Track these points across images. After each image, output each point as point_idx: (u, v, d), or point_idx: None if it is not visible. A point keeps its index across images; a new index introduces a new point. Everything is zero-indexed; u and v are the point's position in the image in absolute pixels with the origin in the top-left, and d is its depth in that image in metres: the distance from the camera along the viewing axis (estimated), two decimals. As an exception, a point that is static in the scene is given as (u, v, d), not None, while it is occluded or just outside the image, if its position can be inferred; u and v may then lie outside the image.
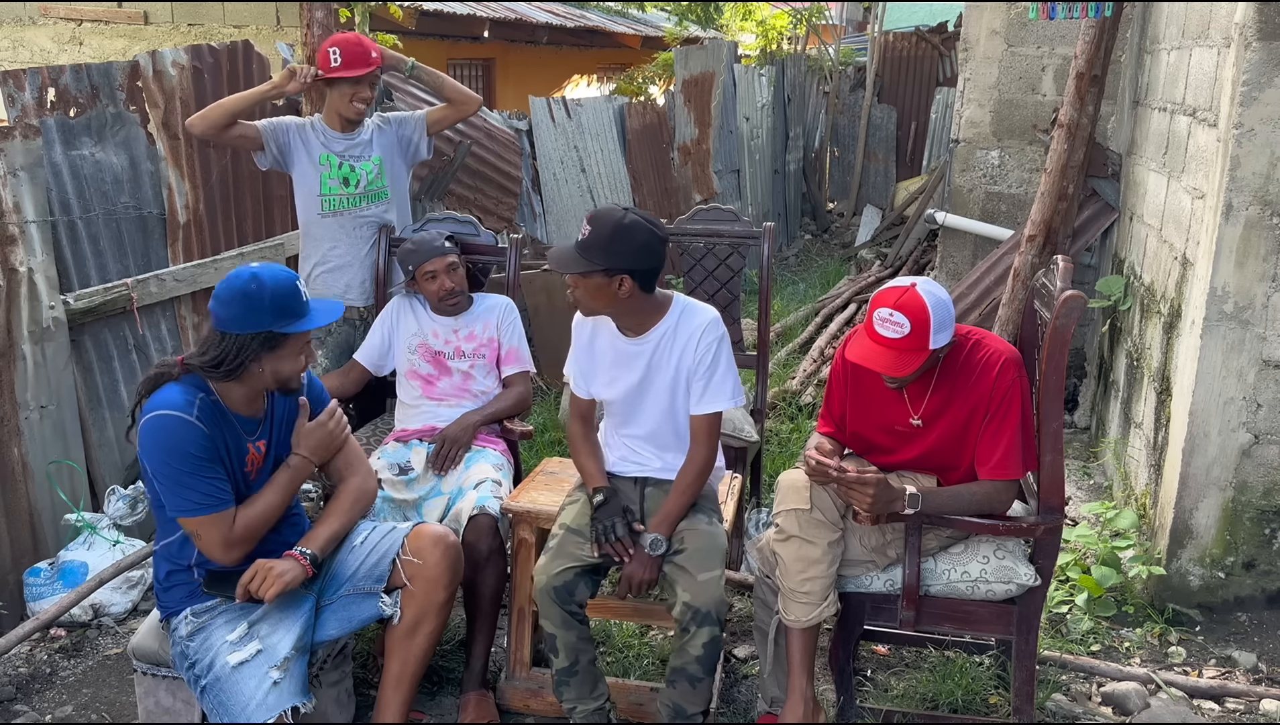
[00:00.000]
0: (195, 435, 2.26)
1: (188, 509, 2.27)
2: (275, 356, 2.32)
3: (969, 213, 6.23)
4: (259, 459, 2.44)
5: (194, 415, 2.27)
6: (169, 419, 2.26)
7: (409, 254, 3.23)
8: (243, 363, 2.28)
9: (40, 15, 7.12)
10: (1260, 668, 3.27)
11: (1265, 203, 3.21)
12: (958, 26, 9.96)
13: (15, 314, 3.37)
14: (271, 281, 2.29)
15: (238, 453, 2.38)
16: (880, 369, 2.47)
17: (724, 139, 9.20)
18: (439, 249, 3.22)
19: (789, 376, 5.96)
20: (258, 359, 2.30)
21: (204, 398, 2.32)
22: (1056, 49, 5.83)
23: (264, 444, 2.45)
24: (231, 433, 2.37)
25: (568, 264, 2.52)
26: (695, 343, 2.61)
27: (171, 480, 2.26)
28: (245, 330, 2.27)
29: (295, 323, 2.31)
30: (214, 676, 2.25)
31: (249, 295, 2.27)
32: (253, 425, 2.42)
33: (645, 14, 14.42)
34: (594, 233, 2.48)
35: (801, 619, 2.56)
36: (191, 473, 2.26)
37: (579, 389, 2.79)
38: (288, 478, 2.44)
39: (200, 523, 2.28)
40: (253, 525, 2.35)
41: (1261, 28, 3.13)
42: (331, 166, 3.59)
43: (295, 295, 2.32)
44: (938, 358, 2.54)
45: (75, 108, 3.69)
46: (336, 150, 3.61)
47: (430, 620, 2.51)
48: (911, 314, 2.42)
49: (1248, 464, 3.38)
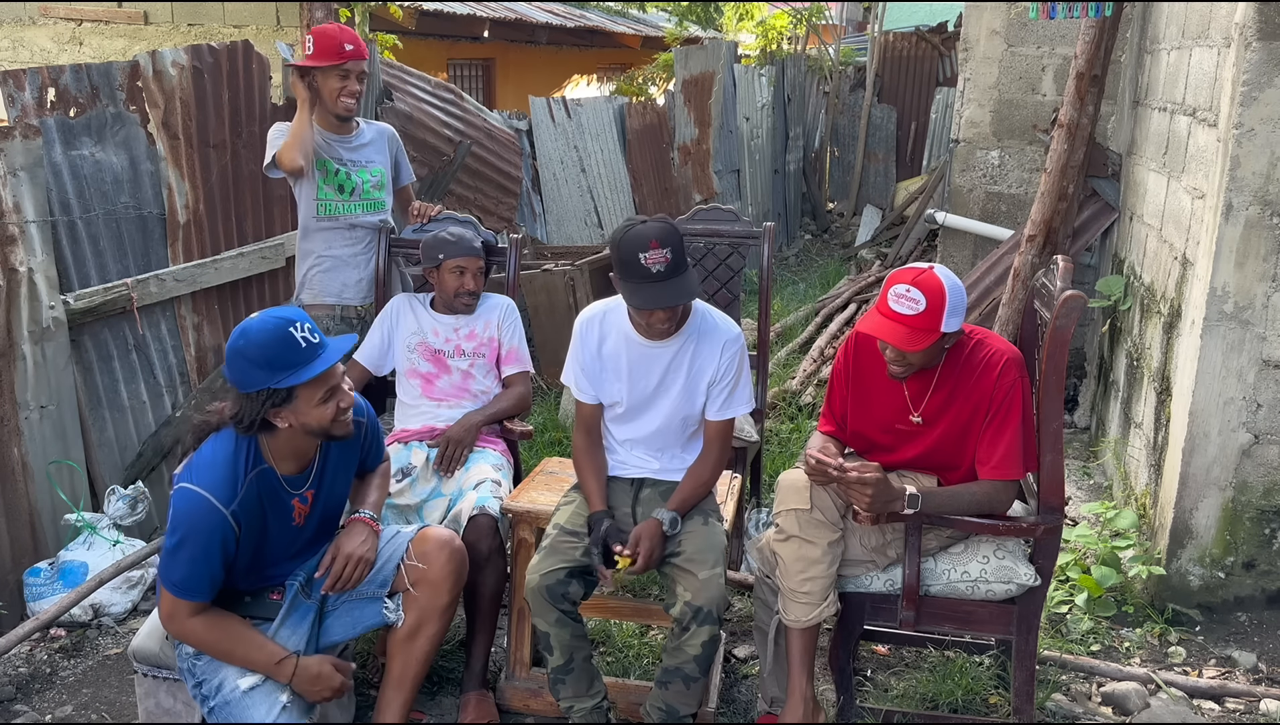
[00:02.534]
0: (218, 529, 2.19)
1: (166, 578, 2.24)
2: (293, 410, 2.21)
3: (969, 213, 6.23)
4: (305, 509, 2.40)
5: (233, 508, 2.20)
6: (203, 503, 2.17)
7: (445, 244, 3.22)
8: (259, 419, 2.19)
9: (40, 15, 7.12)
10: (1260, 668, 3.27)
11: (1265, 203, 3.21)
12: (958, 26, 9.96)
13: (15, 314, 3.37)
14: (259, 336, 2.15)
15: (280, 514, 2.34)
16: (892, 341, 2.45)
17: (724, 139, 9.21)
18: (476, 249, 3.26)
19: (789, 376, 5.96)
20: (277, 414, 2.20)
21: (253, 471, 2.25)
22: (1056, 49, 5.83)
23: (311, 494, 2.41)
24: (273, 498, 2.31)
25: (690, 292, 2.51)
26: (719, 354, 2.63)
27: (170, 548, 2.21)
28: (248, 389, 2.18)
29: (293, 375, 2.16)
30: (223, 699, 2.25)
31: (239, 352, 2.17)
32: (300, 480, 2.37)
33: (645, 14, 14.43)
34: (674, 252, 2.45)
35: (801, 619, 2.56)
36: (190, 555, 2.19)
37: (584, 395, 2.74)
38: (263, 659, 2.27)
39: (164, 592, 2.24)
40: (202, 643, 2.26)
41: (1261, 28, 3.13)
42: (328, 173, 3.55)
43: (287, 345, 2.15)
44: (943, 349, 2.54)
45: (75, 108, 3.68)
46: (334, 155, 3.56)
47: (433, 623, 2.51)
48: (929, 292, 2.43)
49: (1248, 464, 3.38)
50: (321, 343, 2.23)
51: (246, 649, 2.26)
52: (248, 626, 2.30)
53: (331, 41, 3.44)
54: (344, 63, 3.45)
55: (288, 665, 2.27)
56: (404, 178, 3.83)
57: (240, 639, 2.27)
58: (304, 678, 2.27)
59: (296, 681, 2.27)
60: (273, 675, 2.26)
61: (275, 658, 2.27)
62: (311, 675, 2.28)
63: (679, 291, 2.49)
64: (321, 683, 2.29)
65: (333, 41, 3.44)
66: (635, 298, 2.50)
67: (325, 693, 2.30)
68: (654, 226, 2.47)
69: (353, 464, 2.52)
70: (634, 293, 2.49)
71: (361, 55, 3.51)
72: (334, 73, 3.47)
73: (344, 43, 3.45)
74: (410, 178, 3.88)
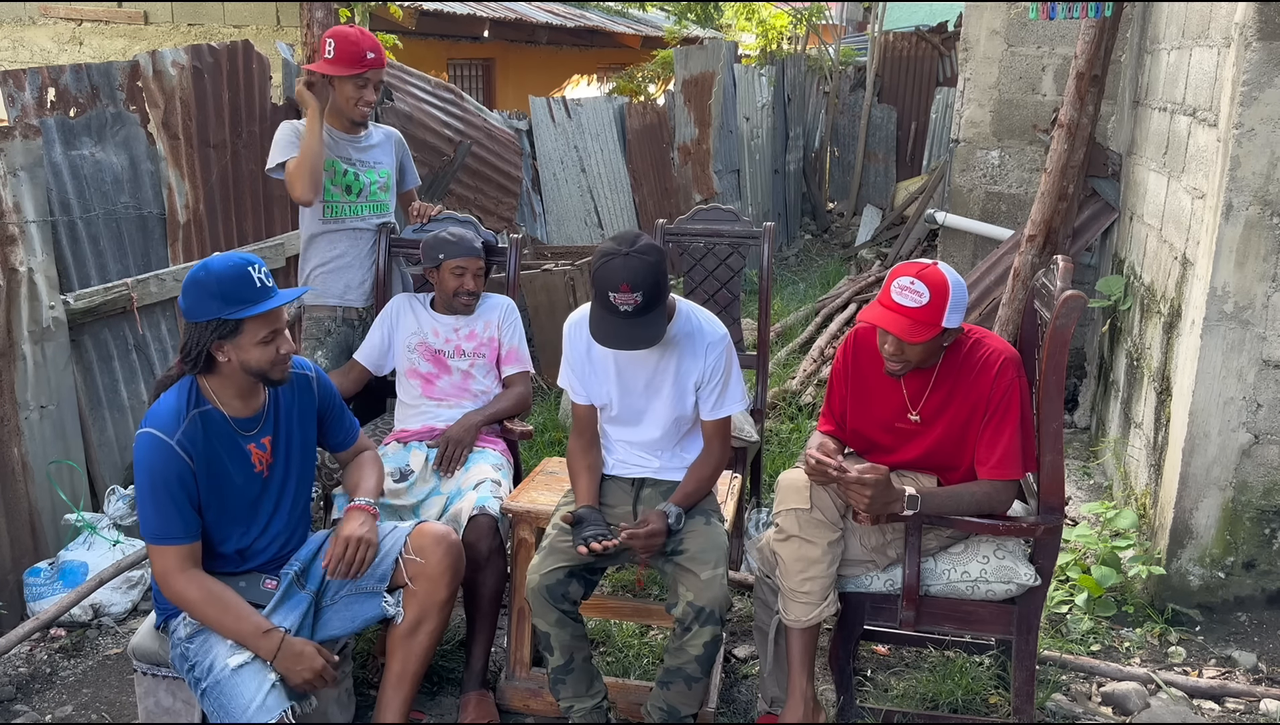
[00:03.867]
0: (171, 462, 2.27)
1: (145, 531, 2.31)
2: (235, 345, 2.29)
3: (969, 213, 6.23)
4: (266, 457, 2.44)
5: (177, 437, 2.28)
6: (151, 439, 2.27)
7: (446, 244, 3.22)
8: (203, 350, 2.28)
9: (40, 15, 7.12)
10: (1260, 668, 3.27)
11: (1265, 203, 3.21)
12: (958, 26, 9.97)
13: (15, 314, 3.37)
14: (220, 268, 2.27)
15: (237, 458, 2.38)
16: (894, 331, 2.45)
17: (724, 139, 9.21)
18: (476, 249, 3.26)
19: (789, 376, 5.97)
20: (220, 348, 2.29)
21: (195, 409, 2.33)
22: (1056, 49, 5.83)
23: (269, 441, 2.44)
24: (226, 440, 2.37)
25: (650, 339, 2.48)
26: (703, 357, 2.63)
27: (140, 498, 2.30)
28: (199, 318, 2.27)
29: (244, 308, 2.26)
30: (214, 679, 2.26)
31: (197, 282, 2.27)
32: (251, 423, 2.42)
33: (645, 14, 14.42)
34: (647, 294, 2.42)
35: (801, 619, 2.56)
36: (154, 497, 2.27)
37: (578, 396, 2.76)
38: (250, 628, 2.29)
39: (150, 549, 2.32)
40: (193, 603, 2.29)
41: (1261, 28, 3.13)
42: (336, 174, 3.51)
43: (244, 281, 2.28)
44: (941, 347, 2.54)
45: (75, 108, 3.69)
46: (342, 155, 3.53)
47: (432, 619, 2.52)
48: (932, 286, 2.44)
49: (1248, 464, 3.38)
50: (274, 287, 2.34)
51: (236, 617, 2.30)
52: (239, 597, 2.34)
53: (354, 49, 3.36)
54: (365, 72, 3.39)
55: (274, 637, 2.29)
56: (408, 182, 3.82)
57: (230, 607, 2.31)
58: (288, 654, 2.29)
59: (280, 657, 2.28)
60: (258, 648, 2.28)
61: (261, 628, 2.30)
62: (295, 652, 2.30)
63: (638, 336, 2.47)
64: (304, 662, 2.30)
65: (355, 49, 3.36)
66: (596, 330, 2.50)
67: (306, 673, 2.30)
68: (632, 266, 2.41)
69: (310, 418, 2.55)
70: (596, 324, 2.50)
71: (381, 64, 3.44)
72: (353, 81, 3.41)
73: (366, 50, 3.37)
74: (415, 182, 3.86)
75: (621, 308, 2.43)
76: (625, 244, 2.45)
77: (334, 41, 3.37)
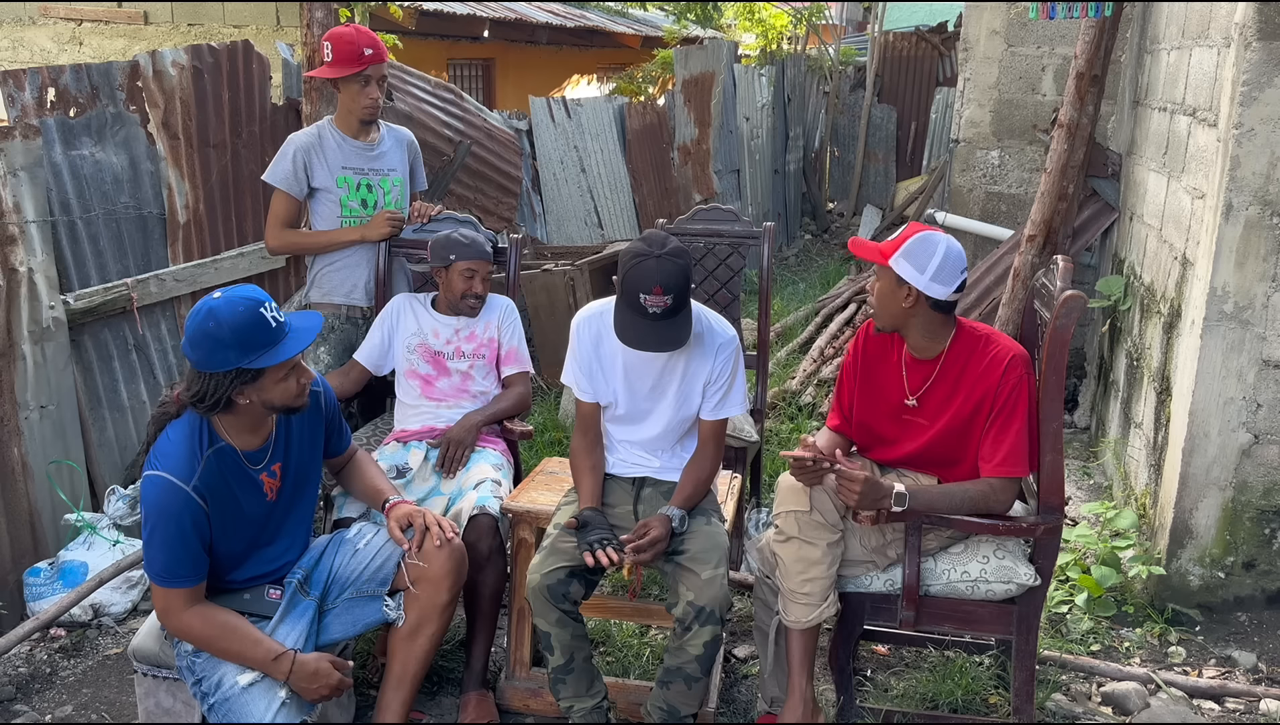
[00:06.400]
0: (186, 508, 2.21)
1: (150, 570, 2.26)
2: (257, 388, 2.23)
3: (969, 213, 6.23)
4: (275, 483, 2.41)
5: (194, 483, 2.23)
6: (165, 484, 2.21)
7: (458, 245, 3.21)
8: (222, 398, 2.21)
9: (40, 15, 7.12)
10: (1260, 668, 3.27)
11: (1265, 203, 3.21)
12: (958, 26, 9.96)
13: (15, 314, 3.37)
14: (231, 317, 2.16)
15: (249, 490, 2.35)
16: (858, 252, 2.59)
17: (724, 139, 9.21)
18: (487, 253, 3.25)
19: (789, 376, 5.96)
20: (241, 392, 2.22)
21: (209, 449, 2.27)
22: (1056, 49, 5.83)
23: (279, 467, 2.41)
24: (238, 474, 2.33)
25: (679, 341, 2.51)
26: (713, 357, 2.64)
27: (147, 539, 2.24)
28: (215, 369, 2.18)
29: (264, 355, 2.19)
30: (222, 696, 2.24)
31: (208, 334, 2.16)
32: (261, 454, 2.37)
33: (645, 14, 14.42)
34: (677, 296, 2.45)
35: (801, 620, 2.56)
36: (165, 540, 2.21)
37: (584, 393, 2.75)
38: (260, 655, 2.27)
39: (155, 588, 2.27)
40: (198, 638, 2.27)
41: (1261, 28, 3.13)
42: (350, 189, 3.50)
43: (259, 326, 2.18)
44: (933, 332, 2.57)
45: (75, 108, 3.69)
46: (354, 166, 3.51)
47: (433, 622, 2.51)
48: (910, 232, 2.53)
49: (1248, 464, 3.38)
50: (287, 321, 2.27)
51: (243, 644, 2.26)
52: (245, 622, 2.30)
53: (351, 48, 3.34)
54: (364, 69, 3.38)
55: (284, 661, 2.26)
56: (417, 185, 3.81)
57: (237, 634, 2.27)
58: (301, 674, 2.27)
59: (294, 678, 2.26)
60: (269, 672, 2.26)
61: (272, 654, 2.26)
62: (309, 672, 2.27)
63: (668, 337, 2.49)
64: (319, 680, 2.28)
65: (352, 47, 3.34)
66: (624, 332, 2.51)
67: (323, 690, 2.29)
68: (665, 269, 2.43)
69: (318, 436, 2.52)
70: (624, 326, 2.51)
71: (382, 58, 3.42)
72: (355, 80, 3.40)
73: (363, 47, 3.35)
74: (423, 185, 3.84)
75: (651, 310, 2.45)
76: (656, 246, 2.47)
77: (331, 44, 3.37)
